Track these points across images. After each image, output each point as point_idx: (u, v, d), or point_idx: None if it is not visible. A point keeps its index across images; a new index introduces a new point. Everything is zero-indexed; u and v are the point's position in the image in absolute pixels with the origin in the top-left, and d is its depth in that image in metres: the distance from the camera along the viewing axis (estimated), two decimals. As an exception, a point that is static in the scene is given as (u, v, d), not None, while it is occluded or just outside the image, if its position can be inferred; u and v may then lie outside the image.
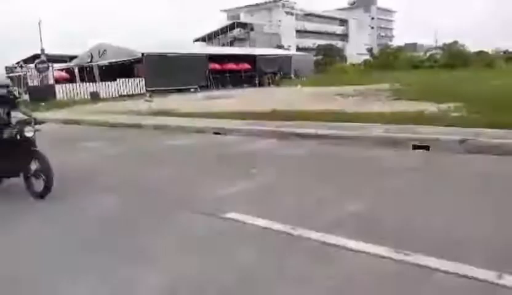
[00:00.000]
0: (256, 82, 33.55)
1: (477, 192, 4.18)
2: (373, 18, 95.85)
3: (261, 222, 3.57)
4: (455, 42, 49.04)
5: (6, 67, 39.56)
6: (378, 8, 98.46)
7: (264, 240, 3.27)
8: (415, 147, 6.30)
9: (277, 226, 3.46)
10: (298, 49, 63.29)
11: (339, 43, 74.88)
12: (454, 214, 3.61)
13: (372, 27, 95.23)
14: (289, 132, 7.94)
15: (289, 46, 61.24)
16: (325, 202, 4.09)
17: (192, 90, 28.24)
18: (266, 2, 71.77)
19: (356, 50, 72.32)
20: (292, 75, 38.88)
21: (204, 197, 4.46)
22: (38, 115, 6.52)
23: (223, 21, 71.50)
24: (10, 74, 34.08)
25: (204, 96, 21.79)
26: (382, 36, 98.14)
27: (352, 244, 3.04)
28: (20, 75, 26.84)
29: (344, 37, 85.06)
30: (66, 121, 13.35)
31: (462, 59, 41.70)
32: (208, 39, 65.44)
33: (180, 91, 26.67)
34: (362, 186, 4.57)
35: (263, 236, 3.34)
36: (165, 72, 26.97)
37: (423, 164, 5.41)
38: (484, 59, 42.76)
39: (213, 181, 5.04)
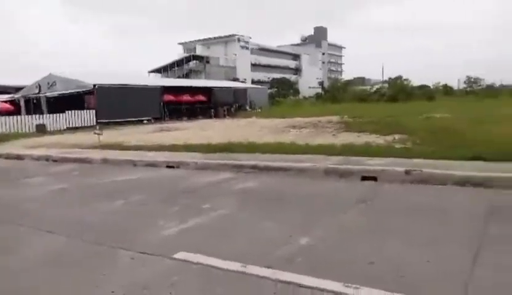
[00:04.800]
0: (212, 113, 33.67)
1: (419, 221, 4.33)
2: (323, 54, 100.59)
3: (212, 261, 3.44)
4: (399, 77, 52.39)
5: None
6: (329, 44, 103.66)
7: (215, 280, 3.15)
8: (364, 178, 6.50)
9: (228, 264, 3.36)
10: (253, 82, 64.75)
11: (292, 77, 77.58)
12: (402, 245, 3.70)
13: (323, 62, 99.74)
14: (243, 165, 7.92)
15: (244, 79, 62.52)
16: (276, 237, 4.04)
17: (145, 121, 27.77)
18: (222, 36, 73.40)
19: (308, 84, 75.21)
20: (247, 107, 39.48)
21: (151, 236, 4.26)
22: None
23: (180, 53, 71.99)
24: None
25: (157, 128, 21.44)
26: (333, 70, 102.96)
27: (305, 280, 2.99)
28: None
29: (297, 71, 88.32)
30: (8, 156, 12.51)
31: (406, 93, 44.41)
32: (163, 70, 65.38)
33: (132, 123, 26.11)
34: (313, 219, 4.59)
35: (213, 276, 3.21)
36: (118, 103, 26.42)
37: (370, 195, 5.56)
38: (425, 93, 45.86)
39: (163, 218, 4.85)
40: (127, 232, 4.46)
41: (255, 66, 76.72)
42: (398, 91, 44.90)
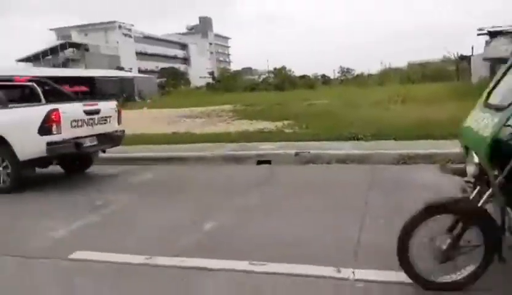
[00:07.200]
0: (96, 105, 31.17)
1: (312, 197, 4.74)
2: (211, 44, 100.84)
3: (113, 257, 3.28)
4: (284, 68, 55.32)
5: None
6: (215, 35, 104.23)
7: (119, 275, 3.02)
8: (259, 162, 6.81)
9: (131, 258, 3.24)
10: (141, 71, 61.84)
11: (182, 67, 76.08)
12: (296, 221, 4.01)
13: (211, 53, 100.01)
14: (137, 157, 7.60)
15: (130, 68, 59.24)
16: (181, 226, 4.02)
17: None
18: (101, 23, 68.16)
19: (199, 74, 74.64)
20: (137, 98, 37.65)
21: (38, 240, 3.86)
22: None
23: (52, 40, 64.72)
24: None
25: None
26: (221, 61, 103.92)
27: (212, 264, 3.05)
28: None
29: (185, 60, 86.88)
30: None
31: (289, 82, 47.29)
32: (35, 59, 58.31)
33: None
34: (215, 204, 4.67)
35: (117, 272, 3.07)
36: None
37: (266, 177, 5.86)
38: (306, 82, 49.45)
39: (48, 220, 4.42)
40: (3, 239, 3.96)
41: (141, 55, 73.19)
42: (283, 80, 47.50)
